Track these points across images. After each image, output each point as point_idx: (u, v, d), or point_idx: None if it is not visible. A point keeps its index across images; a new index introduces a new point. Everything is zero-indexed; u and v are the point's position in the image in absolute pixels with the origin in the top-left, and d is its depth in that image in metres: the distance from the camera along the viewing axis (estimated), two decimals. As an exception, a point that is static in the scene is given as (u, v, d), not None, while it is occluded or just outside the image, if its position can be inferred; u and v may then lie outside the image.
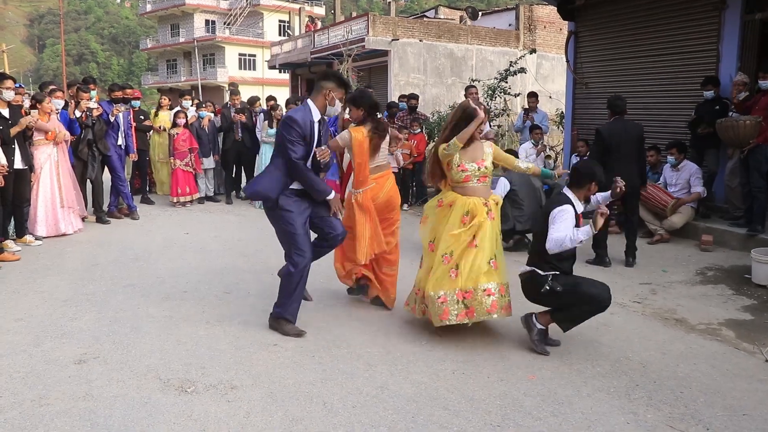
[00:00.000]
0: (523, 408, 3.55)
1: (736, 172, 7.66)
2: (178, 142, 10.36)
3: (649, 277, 6.32)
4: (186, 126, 10.53)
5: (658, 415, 3.48)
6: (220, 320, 4.97)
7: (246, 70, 49.91)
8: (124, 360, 4.16)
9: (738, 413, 3.52)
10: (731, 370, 4.11)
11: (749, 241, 7.07)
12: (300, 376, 3.95)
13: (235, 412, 3.47)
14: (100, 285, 5.93)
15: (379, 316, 5.11)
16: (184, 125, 10.49)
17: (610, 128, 6.75)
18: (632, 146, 6.68)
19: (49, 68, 77.14)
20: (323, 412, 3.48)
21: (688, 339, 4.66)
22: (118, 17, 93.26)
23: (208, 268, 6.53)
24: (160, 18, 54.65)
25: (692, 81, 8.48)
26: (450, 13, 27.51)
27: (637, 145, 6.73)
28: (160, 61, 56.45)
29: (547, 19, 23.28)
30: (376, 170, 5.14)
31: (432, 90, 21.65)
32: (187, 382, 3.83)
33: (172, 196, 10.55)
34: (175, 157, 10.39)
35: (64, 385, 3.77)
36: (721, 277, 6.33)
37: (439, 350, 4.38)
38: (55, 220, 7.94)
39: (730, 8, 8.21)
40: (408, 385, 3.82)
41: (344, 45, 17.89)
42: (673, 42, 8.97)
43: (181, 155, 10.41)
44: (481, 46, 22.66)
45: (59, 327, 4.77)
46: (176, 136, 10.36)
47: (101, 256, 7.05)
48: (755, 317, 5.17)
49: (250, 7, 51.54)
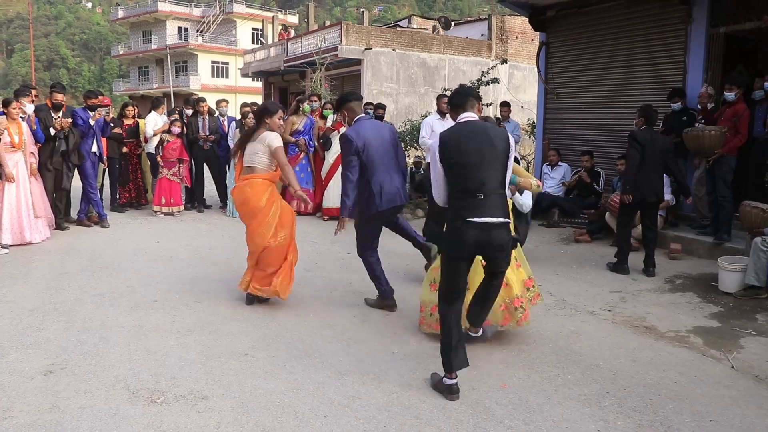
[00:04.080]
0: (494, 416, 3.56)
1: (703, 182, 7.80)
2: (167, 151, 10.14)
3: (619, 285, 6.39)
4: (180, 136, 10.27)
5: (628, 422, 3.51)
6: (190, 330, 4.91)
7: (219, 78, 49.68)
8: (92, 371, 4.10)
9: (705, 419, 3.57)
10: (699, 376, 4.17)
11: (716, 249, 7.19)
12: (271, 385, 3.92)
13: (206, 423, 3.43)
14: (68, 294, 5.83)
15: (351, 325, 5.10)
16: (178, 135, 10.26)
17: (643, 135, 6.75)
18: (658, 157, 6.61)
19: (18, 74, 75.77)
20: (294, 422, 3.46)
21: (658, 346, 4.73)
22: (90, 23, 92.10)
23: (178, 277, 6.46)
24: (132, 24, 54.18)
25: (660, 92, 8.61)
26: (423, 23, 27.67)
27: (661, 157, 6.64)
28: (132, 68, 55.92)
29: (519, 29, 23.56)
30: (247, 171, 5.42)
31: (405, 99, 21.75)
32: (157, 393, 3.78)
33: (155, 204, 10.28)
34: (162, 165, 10.16)
35: (30, 397, 3.70)
36: (689, 285, 6.43)
37: (410, 359, 4.38)
38: (21, 228, 7.77)
39: (696, 22, 8.38)
40: (380, 394, 3.82)
41: (317, 53, 17.86)
42: (642, 54, 9.13)
43: (169, 164, 10.18)
44: (453, 55, 22.84)
45: (25, 337, 4.68)
46: (167, 144, 10.15)
47: (69, 265, 6.94)
48: (722, 324, 5.26)
49: (223, 15, 51.37)
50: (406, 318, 5.27)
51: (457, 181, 3.81)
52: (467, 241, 3.73)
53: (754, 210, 6.32)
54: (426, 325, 4.82)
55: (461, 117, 3.99)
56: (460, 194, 3.79)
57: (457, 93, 4.10)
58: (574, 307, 5.64)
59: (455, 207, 3.82)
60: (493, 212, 3.74)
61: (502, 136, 3.90)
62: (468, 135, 3.83)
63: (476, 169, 3.74)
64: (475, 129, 3.86)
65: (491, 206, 3.74)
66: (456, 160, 3.78)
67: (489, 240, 3.75)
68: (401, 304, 5.57)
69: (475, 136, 3.82)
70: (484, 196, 3.70)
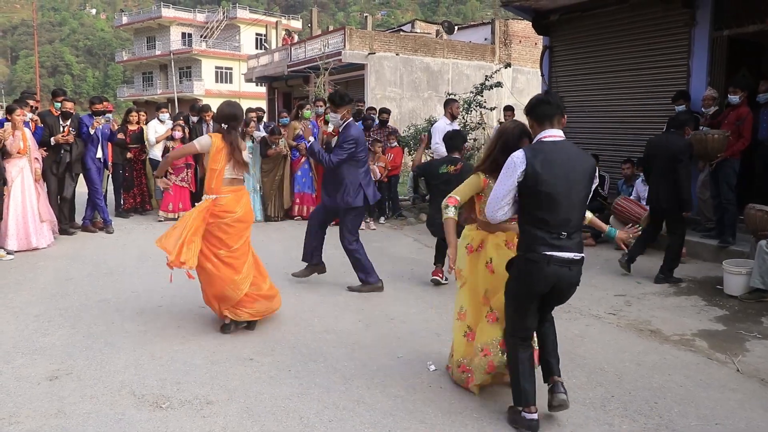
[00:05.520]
0: (499, 420, 3.56)
1: (707, 185, 7.79)
2: None
3: (623, 289, 6.38)
4: (183, 140, 10.29)
5: (633, 426, 3.51)
6: (195, 335, 4.92)
7: (223, 83, 49.75)
8: (97, 376, 4.11)
9: (711, 423, 3.56)
10: (704, 380, 4.16)
11: (721, 252, 7.18)
12: (276, 390, 3.92)
13: (211, 428, 3.43)
14: (74, 300, 5.85)
15: (356, 330, 5.10)
16: (181, 139, 10.29)
17: (652, 141, 6.76)
18: (665, 163, 6.46)
19: (22, 80, 76.13)
20: (300, 426, 3.46)
21: (663, 350, 4.72)
22: (94, 29, 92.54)
23: (183, 283, 6.46)
24: (136, 30, 54.33)
25: (664, 95, 8.62)
26: (426, 27, 27.72)
27: (668, 163, 6.44)
28: (135, 74, 56.06)
29: (523, 33, 23.56)
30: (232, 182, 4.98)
31: (408, 103, 21.76)
32: (162, 398, 3.79)
33: (162, 210, 10.32)
34: (171, 172, 10.16)
35: (36, 402, 3.71)
36: (694, 288, 6.41)
37: (415, 364, 4.37)
38: (27, 234, 7.81)
39: (700, 25, 8.38)
40: (384, 399, 3.82)
41: (321, 58, 17.91)
42: (646, 57, 9.13)
43: (177, 170, 10.24)
44: (457, 60, 22.84)
45: (31, 343, 4.70)
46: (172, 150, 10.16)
47: (75, 271, 6.96)
48: (727, 327, 5.24)
49: (226, 21, 51.50)
50: (410, 323, 5.27)
51: (536, 209, 3.32)
52: (547, 276, 3.32)
53: (759, 213, 6.31)
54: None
55: (546, 134, 3.40)
56: (539, 223, 3.32)
57: (545, 102, 3.45)
58: (578, 310, 5.63)
59: (532, 236, 3.35)
60: (574, 248, 3.36)
61: (591, 166, 3.44)
62: (559, 161, 3.30)
63: (563, 201, 3.28)
64: (568, 154, 3.35)
65: (574, 241, 3.37)
66: (542, 189, 3.26)
67: (568, 277, 3.37)
68: (405, 308, 5.57)
69: (568, 161, 3.32)
70: (568, 234, 3.32)
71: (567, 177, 3.29)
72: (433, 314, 5.49)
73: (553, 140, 3.38)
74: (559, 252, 3.30)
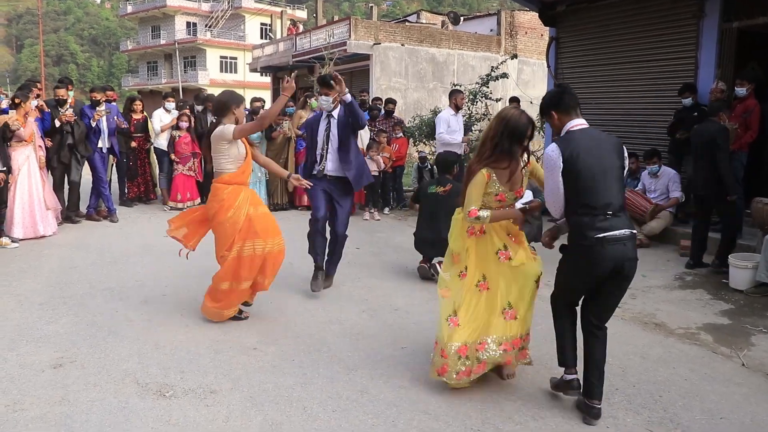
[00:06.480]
0: (503, 412, 3.55)
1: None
2: (180, 146, 10.18)
3: (628, 282, 6.35)
4: (189, 130, 10.31)
5: (637, 419, 3.50)
6: (199, 324, 4.92)
7: (227, 73, 49.73)
8: (101, 364, 4.11)
9: (716, 416, 3.55)
10: (709, 373, 4.15)
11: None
12: (280, 380, 3.92)
13: (214, 417, 3.43)
14: (78, 288, 5.85)
15: (360, 320, 5.10)
16: (187, 129, 10.30)
17: (693, 130, 6.76)
18: (702, 150, 6.46)
19: (27, 69, 76.08)
20: (303, 416, 3.46)
21: (667, 343, 4.70)
22: (98, 18, 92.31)
23: (187, 272, 6.47)
24: (141, 19, 54.27)
25: (671, 88, 8.56)
26: (432, 18, 27.62)
27: (705, 149, 6.40)
28: (140, 63, 56.06)
29: (529, 24, 23.45)
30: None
31: (414, 94, 21.70)
32: (166, 387, 3.79)
33: (171, 200, 10.31)
34: (178, 162, 10.19)
35: (40, 390, 3.71)
36: (700, 281, 6.39)
37: (419, 354, 4.37)
38: (33, 222, 7.83)
39: (708, 17, 8.30)
40: (388, 389, 3.81)
41: (326, 48, 17.86)
42: (653, 49, 9.06)
43: (184, 159, 10.24)
44: (462, 51, 22.76)
45: (35, 331, 4.71)
46: (178, 139, 10.20)
47: (79, 259, 6.96)
48: (732, 321, 5.22)
49: (231, 10, 51.40)
50: (414, 314, 5.26)
51: (578, 196, 3.40)
52: (605, 259, 3.35)
53: (765, 207, 6.27)
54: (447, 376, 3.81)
55: (574, 124, 3.51)
56: (584, 209, 3.39)
57: (568, 93, 3.59)
58: (583, 303, 5.61)
59: (580, 223, 3.41)
60: (623, 225, 3.39)
61: (619, 144, 3.54)
62: (590, 147, 3.41)
63: (601, 184, 3.37)
64: (597, 140, 3.47)
65: (621, 218, 3.40)
66: (581, 177, 3.36)
67: (624, 253, 3.37)
68: (410, 299, 5.56)
69: (599, 146, 3.43)
70: (613, 213, 3.36)
71: (601, 161, 3.40)
72: (438, 305, 5.46)
73: (581, 128, 3.51)
74: (609, 232, 3.36)
